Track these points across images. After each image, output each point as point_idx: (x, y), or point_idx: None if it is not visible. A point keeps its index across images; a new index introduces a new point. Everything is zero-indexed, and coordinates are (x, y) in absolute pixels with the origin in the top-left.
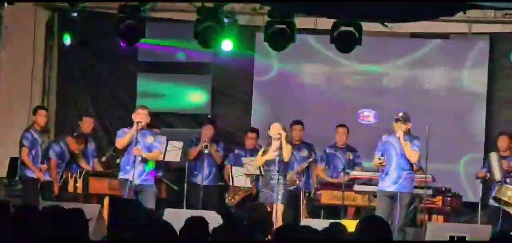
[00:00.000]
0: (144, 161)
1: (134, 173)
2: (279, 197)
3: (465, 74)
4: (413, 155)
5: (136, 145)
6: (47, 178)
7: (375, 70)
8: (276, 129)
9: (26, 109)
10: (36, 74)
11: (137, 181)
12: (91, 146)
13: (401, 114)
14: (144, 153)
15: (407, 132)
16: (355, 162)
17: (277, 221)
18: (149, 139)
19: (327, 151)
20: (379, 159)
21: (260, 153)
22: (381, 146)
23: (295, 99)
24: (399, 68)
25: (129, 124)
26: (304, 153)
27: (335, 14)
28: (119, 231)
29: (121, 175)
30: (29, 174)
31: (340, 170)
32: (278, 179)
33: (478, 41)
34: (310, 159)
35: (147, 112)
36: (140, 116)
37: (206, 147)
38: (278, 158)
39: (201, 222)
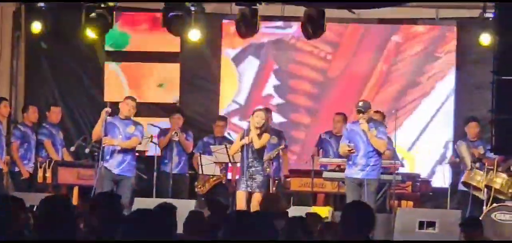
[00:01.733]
0: (124, 150)
1: (112, 162)
2: (255, 185)
3: (433, 59)
4: (380, 144)
5: (115, 136)
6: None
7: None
8: (259, 117)
9: None
10: (3, 65)
11: (115, 170)
12: (60, 135)
13: (360, 104)
14: (115, 141)
15: (371, 119)
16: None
17: (255, 209)
18: (131, 128)
19: (322, 136)
20: (348, 146)
21: (237, 137)
22: (347, 134)
23: (263, 87)
24: (366, 54)
25: (97, 113)
26: (274, 140)
27: (302, 1)
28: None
29: (102, 164)
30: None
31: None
32: (256, 167)
33: (446, 26)
34: (281, 146)
35: (135, 104)
36: (129, 107)
37: (175, 135)
38: (252, 145)
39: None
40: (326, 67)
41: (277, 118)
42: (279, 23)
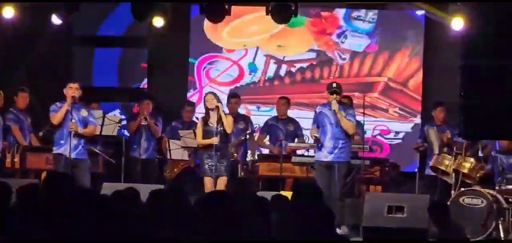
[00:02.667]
0: (78, 134)
1: (68, 147)
2: (223, 169)
3: (402, 43)
4: (350, 126)
5: (70, 120)
6: None
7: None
8: (211, 100)
9: None
10: None
11: (72, 155)
12: (27, 121)
13: (334, 84)
14: (80, 129)
15: (343, 102)
16: (296, 133)
17: None
18: (83, 112)
19: (269, 122)
20: (315, 136)
21: (199, 125)
22: (316, 117)
23: (229, 72)
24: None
25: (64, 99)
26: (241, 125)
27: None
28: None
29: (55, 150)
30: None
31: (281, 140)
32: (222, 151)
33: (415, 10)
34: (248, 131)
35: (78, 86)
36: (73, 91)
37: (145, 119)
38: (220, 129)
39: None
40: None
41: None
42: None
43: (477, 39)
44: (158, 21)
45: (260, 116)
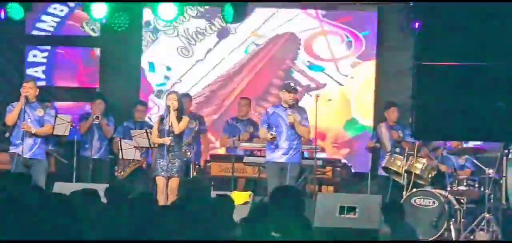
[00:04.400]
0: (35, 134)
1: (24, 147)
2: (174, 170)
3: (353, 44)
4: (305, 131)
5: (24, 120)
6: None
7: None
8: (168, 100)
9: None
10: None
11: (27, 155)
12: None
13: (292, 84)
14: (33, 128)
15: (294, 106)
16: (255, 135)
17: (172, 193)
18: (39, 112)
19: (229, 121)
20: (271, 134)
21: (156, 122)
22: (267, 119)
23: (184, 71)
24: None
25: (18, 98)
26: (193, 124)
27: None
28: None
29: (12, 149)
30: None
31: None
32: (175, 151)
33: (366, 11)
34: (195, 128)
35: (34, 85)
36: (26, 90)
37: (97, 118)
38: (170, 130)
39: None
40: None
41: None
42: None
43: (429, 41)
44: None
45: None
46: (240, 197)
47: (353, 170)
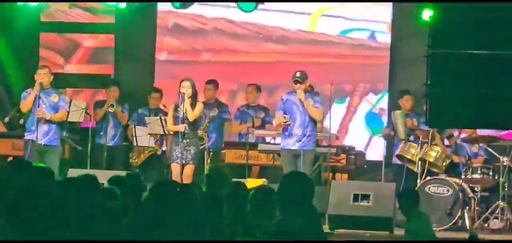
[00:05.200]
0: (48, 121)
1: (38, 133)
2: (189, 157)
3: (370, 32)
4: (317, 113)
5: (39, 106)
6: None
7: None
8: (182, 87)
9: None
10: None
11: (41, 141)
12: None
13: (298, 74)
14: (47, 115)
15: (307, 90)
16: (266, 120)
17: (187, 180)
18: (54, 97)
19: (240, 109)
20: (284, 118)
21: (171, 110)
22: (282, 105)
23: (199, 56)
24: (304, 26)
25: (32, 85)
26: (214, 112)
27: None
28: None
29: (26, 136)
30: None
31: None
32: (191, 138)
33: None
34: (213, 115)
35: (48, 71)
36: (41, 76)
37: (111, 107)
38: (184, 117)
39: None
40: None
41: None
42: None
43: (444, 29)
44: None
45: None
46: (254, 184)
47: (367, 158)
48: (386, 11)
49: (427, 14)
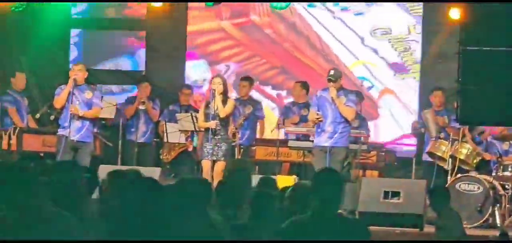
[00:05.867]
0: (81, 117)
1: (71, 130)
2: (220, 154)
3: (400, 29)
4: (349, 112)
5: (72, 102)
6: None
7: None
8: (213, 83)
9: None
10: None
11: (74, 137)
12: (25, 102)
13: (332, 72)
14: (81, 111)
15: (341, 88)
16: (306, 117)
17: (218, 177)
18: (88, 94)
19: (286, 105)
20: (317, 114)
21: (202, 106)
22: (316, 101)
23: (230, 52)
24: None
25: (65, 81)
26: (249, 109)
27: None
28: None
29: (59, 132)
30: None
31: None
32: (222, 135)
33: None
34: (248, 112)
35: (83, 67)
36: (75, 72)
37: (142, 103)
38: (216, 113)
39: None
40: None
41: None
42: None
43: (475, 26)
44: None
45: None
46: (285, 181)
47: (397, 155)
48: (417, 9)
49: (455, 13)
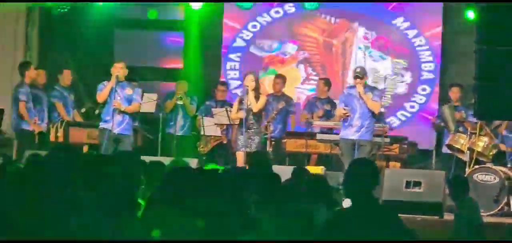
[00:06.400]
0: (122, 112)
1: (113, 123)
2: (254, 145)
3: (421, 30)
4: (375, 106)
5: (115, 98)
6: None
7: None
8: (246, 80)
9: (8, 64)
10: (19, 33)
11: (116, 130)
12: (71, 97)
13: (358, 69)
14: (123, 106)
15: (366, 85)
16: (331, 113)
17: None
18: (128, 90)
19: (310, 100)
20: (344, 109)
21: (236, 102)
22: (344, 97)
23: (261, 53)
24: (356, 26)
25: (108, 77)
26: (282, 104)
27: None
28: None
29: (101, 125)
30: (24, 126)
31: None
32: (255, 128)
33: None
34: (280, 107)
35: (124, 65)
36: (117, 70)
37: (180, 99)
38: (249, 107)
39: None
40: (325, 39)
41: None
42: None
43: (491, 25)
44: (196, 4)
45: None
46: (313, 172)
47: (418, 147)
48: (437, 10)
49: (471, 14)
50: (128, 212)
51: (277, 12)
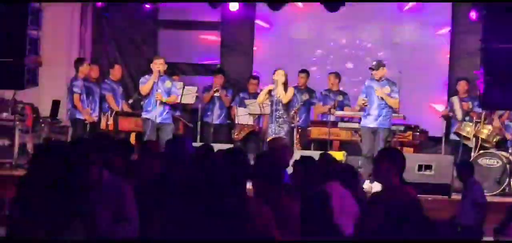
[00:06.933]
0: (164, 102)
1: (156, 113)
2: (282, 133)
3: (432, 30)
4: (394, 103)
5: (157, 90)
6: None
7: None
8: (276, 75)
9: (64, 60)
10: (74, 32)
11: (158, 120)
12: (120, 90)
13: (374, 63)
14: (164, 98)
15: (383, 77)
16: (344, 103)
17: None
18: (168, 83)
19: (323, 93)
20: (363, 100)
21: (265, 90)
22: (365, 88)
23: (290, 51)
24: (374, 25)
25: (151, 72)
26: (305, 96)
27: None
28: None
29: (144, 115)
30: (78, 116)
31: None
32: (284, 117)
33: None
34: (305, 99)
35: (163, 61)
36: (158, 65)
37: (217, 91)
38: (278, 99)
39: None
40: (341, 37)
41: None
42: None
43: (495, 25)
44: (233, 6)
45: None
46: (335, 157)
47: (429, 134)
48: (445, 10)
49: (474, 14)
50: None
51: None
